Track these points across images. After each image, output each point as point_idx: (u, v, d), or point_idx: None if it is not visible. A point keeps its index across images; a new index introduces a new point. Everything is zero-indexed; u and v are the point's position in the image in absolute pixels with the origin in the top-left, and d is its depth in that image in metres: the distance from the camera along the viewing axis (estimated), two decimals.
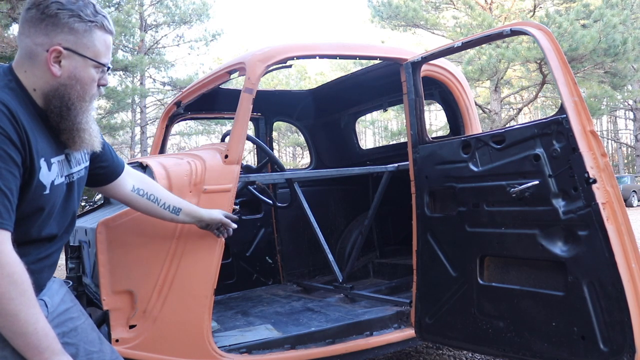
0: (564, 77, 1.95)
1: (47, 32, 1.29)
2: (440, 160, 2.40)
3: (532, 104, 25.47)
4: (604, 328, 1.82)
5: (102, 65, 1.37)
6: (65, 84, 1.32)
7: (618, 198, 1.86)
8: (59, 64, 1.31)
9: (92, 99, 1.40)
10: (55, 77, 1.31)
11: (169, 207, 1.84)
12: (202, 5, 23.01)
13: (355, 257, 3.35)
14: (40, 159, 1.27)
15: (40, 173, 1.27)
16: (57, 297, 1.48)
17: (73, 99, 1.33)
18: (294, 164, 32.68)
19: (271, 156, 3.02)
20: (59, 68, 1.31)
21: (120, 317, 2.01)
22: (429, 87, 3.20)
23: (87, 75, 1.35)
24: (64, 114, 1.33)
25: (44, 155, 1.29)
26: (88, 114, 1.38)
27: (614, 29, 14.07)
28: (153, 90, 23.88)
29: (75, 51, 1.32)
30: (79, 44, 1.32)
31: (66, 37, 1.30)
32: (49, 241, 1.38)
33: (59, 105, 1.32)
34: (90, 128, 1.39)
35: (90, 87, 1.37)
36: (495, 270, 2.20)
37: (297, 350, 2.38)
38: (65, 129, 1.35)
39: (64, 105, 1.32)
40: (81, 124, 1.36)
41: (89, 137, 1.39)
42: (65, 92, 1.32)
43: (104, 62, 1.38)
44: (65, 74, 1.32)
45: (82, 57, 1.33)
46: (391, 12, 18.44)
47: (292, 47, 2.54)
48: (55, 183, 1.33)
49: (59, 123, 1.33)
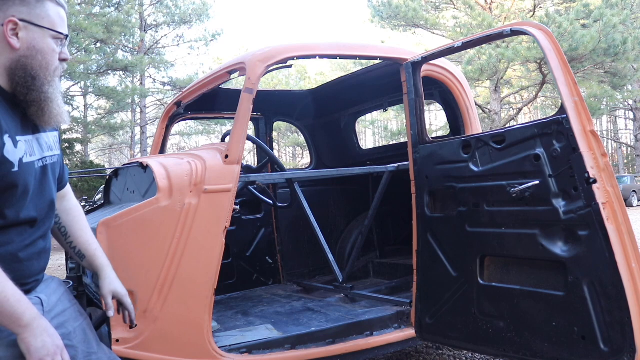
0: (564, 77, 1.95)
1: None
2: (440, 160, 2.40)
3: (532, 104, 25.47)
4: (604, 328, 1.82)
5: (60, 34, 1.38)
6: (26, 55, 1.33)
7: (618, 198, 1.86)
8: (17, 37, 1.32)
9: (56, 72, 1.39)
10: (14, 49, 1.32)
11: (74, 248, 1.65)
12: (202, 5, 23.01)
13: (355, 257, 3.35)
14: (3, 135, 1.26)
15: (4, 149, 1.26)
16: (54, 296, 1.48)
17: (36, 68, 1.34)
18: (294, 164, 32.67)
19: (271, 156, 3.02)
20: (17, 40, 1.32)
21: (120, 317, 2.01)
22: (429, 87, 3.20)
23: (46, 46, 1.36)
24: (30, 84, 1.33)
25: (7, 132, 1.28)
26: (54, 87, 1.38)
27: (614, 29, 14.07)
28: (153, 90, 23.87)
29: (31, 22, 1.33)
30: (33, 14, 1.33)
31: (19, 9, 1.32)
32: (30, 226, 1.37)
33: (24, 76, 1.33)
34: (58, 99, 1.39)
35: (52, 58, 1.37)
36: (496, 270, 2.20)
37: (298, 350, 2.38)
38: (34, 99, 1.35)
39: (28, 75, 1.33)
40: (48, 94, 1.36)
41: (57, 108, 1.39)
42: (27, 63, 1.33)
43: (62, 31, 1.38)
44: (24, 45, 1.33)
45: (39, 28, 1.34)
46: (391, 12, 18.44)
47: (292, 47, 2.54)
48: (24, 161, 1.32)
49: (27, 95, 1.34)
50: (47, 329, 1.27)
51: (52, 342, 1.26)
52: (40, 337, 1.24)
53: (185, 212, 2.13)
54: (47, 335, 1.26)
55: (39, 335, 1.24)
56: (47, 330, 1.26)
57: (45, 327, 1.26)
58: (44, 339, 1.25)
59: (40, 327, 1.25)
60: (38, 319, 1.25)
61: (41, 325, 1.25)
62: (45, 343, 1.24)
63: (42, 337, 1.25)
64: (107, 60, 18.51)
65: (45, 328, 1.26)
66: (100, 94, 19.57)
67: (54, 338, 1.27)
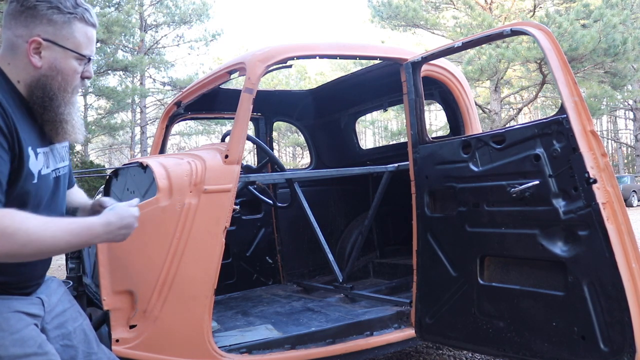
0: (564, 77, 1.95)
1: (26, 24, 1.31)
2: (440, 160, 2.40)
3: (532, 104, 25.47)
4: (604, 328, 1.82)
5: (83, 56, 1.38)
6: (47, 74, 1.34)
7: (618, 198, 1.86)
8: (39, 55, 1.33)
9: (75, 91, 1.41)
10: (36, 68, 1.33)
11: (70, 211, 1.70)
12: (202, 5, 23.03)
13: (355, 257, 3.35)
14: (27, 147, 1.28)
15: (29, 161, 1.28)
16: (54, 296, 1.48)
17: (55, 89, 1.35)
18: (294, 164, 32.67)
19: (271, 156, 3.02)
20: (39, 59, 1.32)
21: (120, 317, 2.01)
22: (429, 87, 3.20)
23: (68, 67, 1.36)
24: (47, 104, 1.34)
25: (30, 144, 1.30)
26: (71, 106, 1.40)
27: (614, 29, 14.08)
28: (153, 90, 23.89)
29: (55, 42, 1.33)
30: (58, 35, 1.34)
31: (45, 29, 1.32)
32: None
33: (41, 96, 1.34)
34: (73, 120, 1.40)
35: (72, 79, 1.38)
36: (496, 270, 2.20)
37: (297, 350, 2.38)
38: (49, 120, 1.36)
39: (46, 95, 1.34)
40: (64, 115, 1.37)
41: (71, 128, 1.40)
42: (46, 83, 1.34)
43: (85, 54, 1.39)
44: (45, 65, 1.33)
45: (61, 48, 1.34)
46: (391, 12, 18.45)
47: (292, 47, 2.54)
48: (42, 173, 1.34)
49: (43, 114, 1.35)
50: (119, 223, 1.38)
51: (128, 229, 1.41)
52: (119, 234, 1.39)
53: (185, 212, 2.13)
54: (123, 228, 1.39)
55: (116, 234, 1.38)
56: (119, 224, 1.38)
57: (116, 224, 1.37)
58: (122, 233, 1.40)
59: (114, 229, 1.37)
60: (106, 225, 1.35)
61: (112, 227, 1.36)
62: (125, 234, 1.41)
63: (120, 233, 1.39)
64: (107, 60, 18.53)
65: (117, 225, 1.37)
66: (100, 94, 19.60)
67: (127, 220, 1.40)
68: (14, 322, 1.28)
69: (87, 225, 1.31)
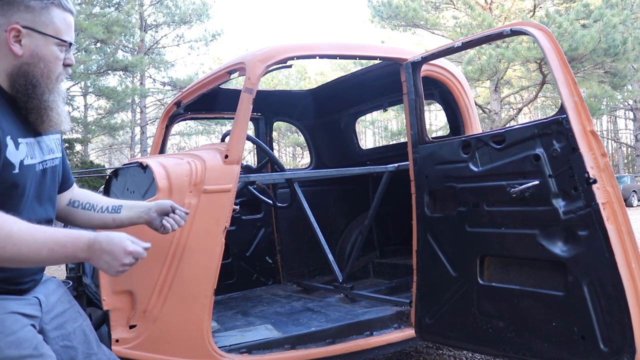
0: (564, 77, 1.95)
1: (3, 12, 1.30)
2: (440, 160, 2.40)
3: (532, 104, 25.47)
4: (604, 328, 1.82)
5: (64, 42, 1.37)
6: (29, 62, 1.33)
7: (618, 198, 1.86)
8: (20, 43, 1.32)
9: (59, 79, 1.39)
10: (17, 56, 1.32)
11: (107, 209, 1.66)
12: (202, 5, 23.01)
13: (355, 257, 3.35)
14: (6, 136, 1.26)
15: (7, 150, 1.26)
16: (53, 297, 1.48)
17: (37, 76, 1.34)
18: (294, 164, 32.67)
19: (271, 156, 3.02)
20: (20, 47, 1.32)
21: (120, 317, 2.01)
22: (429, 87, 3.20)
23: (49, 53, 1.35)
24: (30, 92, 1.33)
25: (9, 134, 1.28)
26: (56, 94, 1.38)
27: (614, 29, 14.08)
28: (153, 90, 23.88)
29: (34, 29, 1.32)
30: (37, 21, 1.33)
31: (23, 16, 1.31)
32: None
33: (24, 84, 1.33)
34: (59, 107, 1.39)
35: (55, 65, 1.37)
36: (496, 270, 2.20)
37: (297, 350, 2.38)
38: (33, 107, 1.35)
39: (29, 83, 1.33)
40: (48, 102, 1.36)
41: (57, 116, 1.39)
42: (29, 71, 1.33)
43: (65, 39, 1.38)
44: (27, 52, 1.32)
45: (42, 35, 1.33)
46: (391, 12, 18.44)
47: (292, 47, 2.54)
48: (25, 163, 1.32)
49: (27, 102, 1.34)
50: (104, 246, 1.27)
51: (112, 258, 1.27)
52: (101, 259, 1.27)
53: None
54: (106, 254, 1.27)
55: (99, 257, 1.27)
56: (104, 248, 1.27)
57: (102, 246, 1.27)
58: (105, 259, 1.27)
59: (97, 249, 1.26)
60: (92, 243, 1.26)
61: (96, 246, 1.26)
62: (108, 262, 1.27)
63: (102, 259, 1.27)
64: (107, 60, 18.53)
65: (101, 248, 1.27)
66: (100, 94, 19.59)
67: (115, 248, 1.28)
68: (10, 324, 1.27)
69: (74, 237, 1.26)
